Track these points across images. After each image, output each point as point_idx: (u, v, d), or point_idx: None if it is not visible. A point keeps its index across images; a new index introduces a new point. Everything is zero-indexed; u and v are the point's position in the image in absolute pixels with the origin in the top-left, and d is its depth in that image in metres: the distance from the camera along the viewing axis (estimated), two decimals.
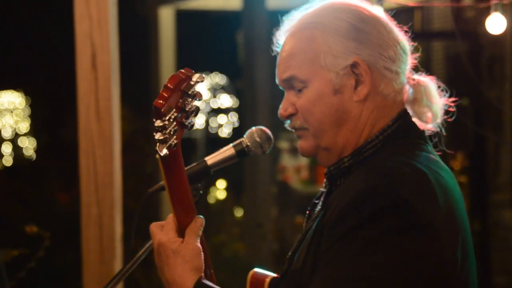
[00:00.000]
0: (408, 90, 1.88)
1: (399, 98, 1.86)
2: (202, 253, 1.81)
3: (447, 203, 1.72)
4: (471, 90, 7.15)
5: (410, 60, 1.90)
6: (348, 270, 1.61)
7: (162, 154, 1.70)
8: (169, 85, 1.69)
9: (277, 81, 1.92)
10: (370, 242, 1.61)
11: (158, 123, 1.68)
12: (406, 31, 1.91)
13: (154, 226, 1.85)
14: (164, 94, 1.69)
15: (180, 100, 1.71)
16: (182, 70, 1.73)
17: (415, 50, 1.93)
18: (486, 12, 3.72)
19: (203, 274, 1.80)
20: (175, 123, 1.70)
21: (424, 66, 1.96)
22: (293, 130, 1.92)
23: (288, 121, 1.91)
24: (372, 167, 1.74)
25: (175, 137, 1.71)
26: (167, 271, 1.79)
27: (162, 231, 1.82)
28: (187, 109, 1.72)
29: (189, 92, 1.71)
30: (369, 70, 1.81)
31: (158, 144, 1.70)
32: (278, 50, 1.93)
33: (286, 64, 1.87)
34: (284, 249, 7.66)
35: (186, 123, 1.73)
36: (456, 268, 1.70)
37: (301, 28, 1.88)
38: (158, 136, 1.69)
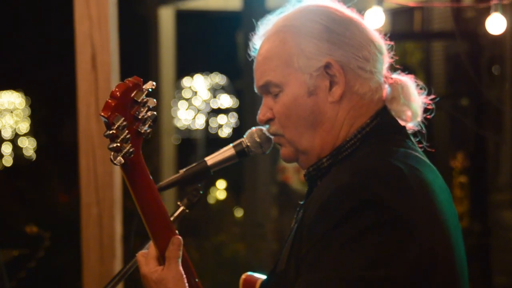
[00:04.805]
0: (386, 89, 1.88)
1: (377, 97, 1.85)
2: (184, 277, 1.83)
3: (424, 197, 1.71)
4: (471, 90, 7.16)
5: (386, 59, 1.90)
6: (328, 274, 1.61)
7: (116, 163, 1.68)
8: (115, 93, 1.68)
9: (255, 88, 1.93)
10: (346, 242, 1.61)
11: (107, 132, 1.67)
12: (383, 33, 1.91)
13: (140, 256, 1.90)
14: (110, 103, 1.67)
15: (132, 109, 1.69)
16: (130, 78, 1.72)
17: (390, 49, 1.93)
18: (486, 12, 3.73)
19: None
20: (126, 131, 1.68)
21: (424, 66, 1.96)
22: (272, 136, 1.93)
23: (267, 126, 1.91)
24: (346, 167, 1.75)
25: (130, 145, 1.69)
26: None
27: (145, 261, 1.87)
28: (140, 117, 1.70)
29: (139, 100, 1.70)
30: (342, 70, 1.81)
31: (112, 153, 1.68)
32: (255, 54, 1.93)
33: (261, 69, 1.88)
34: None
35: (143, 131, 1.72)
36: (438, 261, 1.69)
37: (275, 32, 1.89)
38: (111, 145, 1.68)
